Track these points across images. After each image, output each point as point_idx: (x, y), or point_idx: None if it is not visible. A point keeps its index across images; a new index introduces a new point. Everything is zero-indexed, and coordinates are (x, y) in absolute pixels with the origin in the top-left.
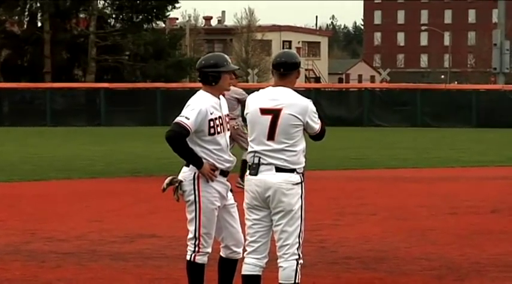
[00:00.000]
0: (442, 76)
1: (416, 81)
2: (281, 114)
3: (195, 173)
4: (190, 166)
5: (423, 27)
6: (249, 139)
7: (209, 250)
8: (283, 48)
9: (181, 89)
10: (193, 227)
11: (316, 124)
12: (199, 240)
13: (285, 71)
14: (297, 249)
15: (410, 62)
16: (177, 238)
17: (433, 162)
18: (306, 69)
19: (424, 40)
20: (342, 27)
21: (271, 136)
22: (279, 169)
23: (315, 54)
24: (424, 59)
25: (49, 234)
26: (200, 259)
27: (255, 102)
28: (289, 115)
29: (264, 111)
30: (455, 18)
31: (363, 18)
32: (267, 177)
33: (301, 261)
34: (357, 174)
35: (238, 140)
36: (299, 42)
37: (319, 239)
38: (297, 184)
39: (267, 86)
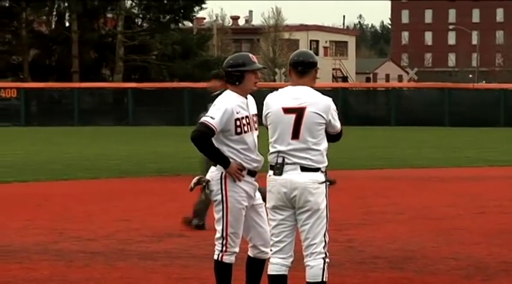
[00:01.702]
0: (470, 76)
1: (444, 81)
2: (305, 113)
3: (222, 173)
4: (218, 165)
5: (451, 26)
6: (270, 140)
7: (237, 249)
8: (310, 47)
9: (204, 89)
10: (221, 227)
11: (337, 123)
12: (226, 240)
13: (304, 69)
14: (324, 248)
15: (438, 61)
16: (204, 237)
17: (461, 162)
18: (333, 69)
19: (451, 39)
20: (370, 26)
21: (295, 135)
22: (304, 169)
23: (343, 53)
24: (451, 58)
25: (77, 233)
26: (227, 258)
27: (276, 102)
28: (314, 113)
29: (287, 110)
30: (483, 17)
31: (390, 17)
32: (293, 176)
33: (327, 260)
34: (384, 174)
35: None
36: (326, 41)
37: (347, 238)
38: (322, 183)
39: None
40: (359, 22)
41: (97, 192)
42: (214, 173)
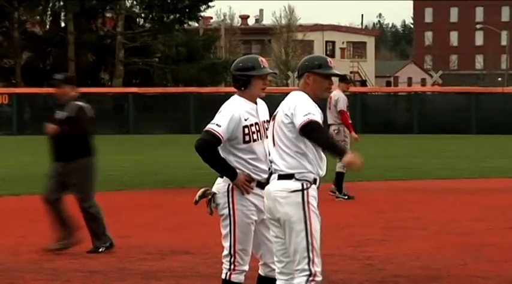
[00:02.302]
0: (499, 79)
1: (471, 85)
2: (276, 117)
3: (229, 185)
4: (224, 177)
5: (478, 26)
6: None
7: (246, 267)
8: (326, 49)
9: (216, 94)
10: (228, 243)
11: (298, 120)
12: (234, 257)
13: (298, 73)
14: (308, 264)
15: (464, 64)
16: (211, 254)
17: (489, 172)
18: (351, 72)
19: (479, 40)
20: (390, 26)
21: (273, 141)
22: (280, 176)
23: (361, 55)
24: (479, 60)
25: (74, 251)
26: (236, 277)
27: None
28: (281, 113)
29: (272, 117)
30: None
31: (412, 16)
32: (270, 185)
33: (318, 278)
34: (405, 185)
35: None
36: (343, 42)
37: (366, 256)
38: (295, 191)
39: None
40: (378, 21)
41: None
42: (220, 185)
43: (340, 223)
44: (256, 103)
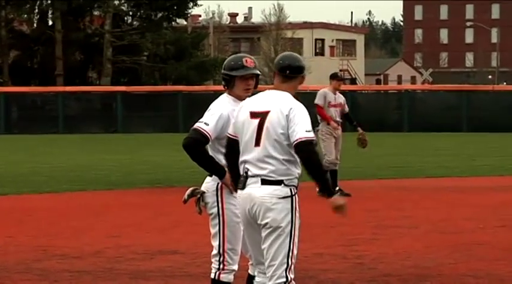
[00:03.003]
0: (490, 77)
1: (462, 82)
2: (268, 117)
3: (218, 183)
4: (213, 176)
5: (468, 23)
6: (240, 145)
7: (235, 267)
8: (315, 47)
9: (204, 92)
10: (217, 243)
11: (298, 130)
12: (223, 257)
13: (291, 73)
14: (285, 271)
15: (455, 61)
16: (201, 254)
17: (480, 170)
18: (340, 70)
19: (469, 37)
20: (380, 23)
21: (257, 141)
22: (264, 181)
23: (350, 53)
24: (469, 58)
25: (62, 251)
26: (225, 277)
27: (248, 106)
28: (275, 117)
29: (253, 115)
30: (503, 13)
31: (402, 13)
32: (252, 190)
33: None
34: (396, 184)
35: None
36: (333, 40)
37: (356, 255)
38: (285, 198)
39: (299, 88)
40: (368, 19)
41: (84, 205)
42: (209, 184)
43: (330, 221)
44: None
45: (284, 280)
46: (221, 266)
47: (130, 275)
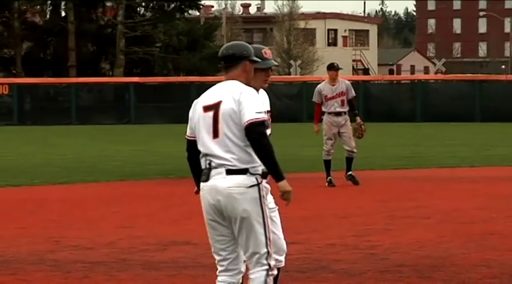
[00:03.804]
0: (503, 67)
1: (475, 72)
2: (221, 107)
3: None
4: None
5: (481, 13)
6: (198, 143)
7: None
8: (328, 37)
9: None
10: None
11: (247, 112)
12: None
13: (226, 63)
14: (266, 259)
15: (468, 51)
16: None
17: (493, 160)
18: (353, 60)
19: (482, 27)
20: (392, 13)
21: (215, 133)
22: (229, 171)
23: (363, 43)
24: (482, 48)
25: (75, 242)
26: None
27: (200, 102)
28: (228, 104)
29: (206, 108)
30: None
31: (415, 3)
32: (217, 181)
33: (273, 272)
34: (409, 174)
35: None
36: (345, 30)
37: (369, 245)
38: (252, 187)
39: (312, 79)
40: (381, 9)
41: (96, 196)
42: None
43: (342, 212)
44: (257, 93)
45: (267, 267)
46: None
47: (143, 266)
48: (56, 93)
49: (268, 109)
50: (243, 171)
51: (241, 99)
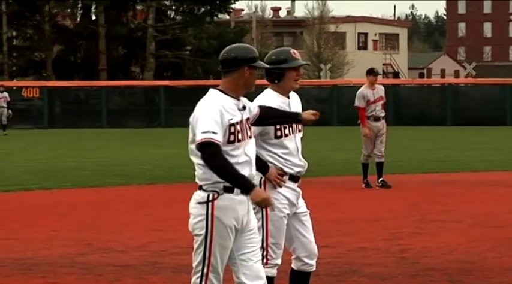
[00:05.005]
0: None
1: (505, 76)
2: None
3: (261, 178)
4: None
5: None
6: None
7: (278, 261)
8: (358, 41)
9: None
10: (261, 237)
11: (197, 134)
12: (267, 251)
13: (222, 68)
14: (198, 278)
15: (499, 55)
16: None
17: None
18: (383, 64)
19: None
20: (423, 17)
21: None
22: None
23: (393, 47)
24: None
25: (106, 245)
26: (269, 271)
27: None
28: (191, 121)
29: None
30: None
31: (445, 7)
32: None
33: None
34: (439, 178)
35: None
36: (376, 34)
37: (400, 249)
38: (201, 203)
39: (342, 82)
40: (411, 13)
41: (127, 199)
42: None
43: (373, 216)
44: (288, 97)
45: None
46: (264, 260)
47: (174, 270)
48: (86, 97)
49: (300, 112)
50: (200, 187)
51: (196, 115)
